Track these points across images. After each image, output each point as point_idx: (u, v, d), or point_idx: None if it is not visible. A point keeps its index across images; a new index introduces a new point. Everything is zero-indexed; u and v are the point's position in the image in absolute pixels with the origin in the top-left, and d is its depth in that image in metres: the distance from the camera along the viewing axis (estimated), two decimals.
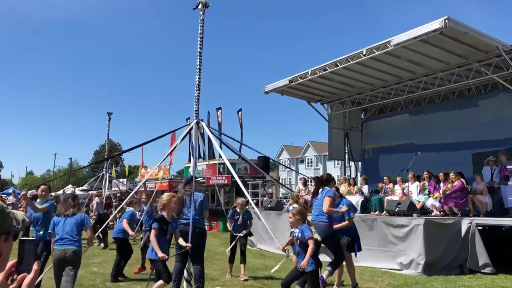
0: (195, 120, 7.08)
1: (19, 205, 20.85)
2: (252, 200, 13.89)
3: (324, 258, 7.13)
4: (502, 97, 12.71)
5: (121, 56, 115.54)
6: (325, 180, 7.26)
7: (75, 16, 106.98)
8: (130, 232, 8.70)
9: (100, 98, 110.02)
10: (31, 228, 6.88)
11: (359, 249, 7.36)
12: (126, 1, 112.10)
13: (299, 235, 5.48)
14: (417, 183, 11.86)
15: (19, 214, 1.51)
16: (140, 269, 8.83)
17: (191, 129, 7.14)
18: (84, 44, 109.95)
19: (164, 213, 5.81)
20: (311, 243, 5.36)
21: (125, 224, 8.75)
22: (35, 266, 1.39)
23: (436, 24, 9.64)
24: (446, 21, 9.44)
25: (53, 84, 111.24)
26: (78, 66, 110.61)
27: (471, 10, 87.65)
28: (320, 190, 7.09)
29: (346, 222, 7.18)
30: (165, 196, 6.02)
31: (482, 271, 9.29)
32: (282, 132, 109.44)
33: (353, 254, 7.41)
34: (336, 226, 7.02)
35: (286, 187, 25.41)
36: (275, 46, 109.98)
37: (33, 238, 1.42)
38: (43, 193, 6.91)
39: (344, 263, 7.12)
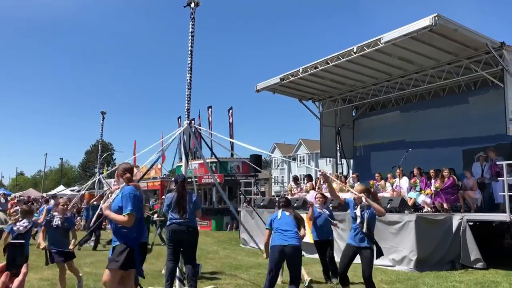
0: (187, 121, 7.07)
1: (10, 207, 20.62)
2: (245, 198, 13.89)
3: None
4: (491, 94, 12.78)
5: (111, 55, 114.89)
6: None
7: (64, 15, 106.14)
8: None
9: (90, 97, 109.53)
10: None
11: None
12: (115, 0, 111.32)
13: None
14: (406, 178, 11.92)
15: (1, 214, 1.58)
16: None
17: (184, 128, 7.13)
18: (73, 44, 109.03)
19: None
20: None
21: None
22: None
23: (426, 21, 9.66)
24: (436, 18, 9.47)
25: (42, 84, 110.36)
26: (68, 65, 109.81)
27: (461, 7, 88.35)
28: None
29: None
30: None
31: (473, 266, 9.38)
32: (274, 130, 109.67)
33: None
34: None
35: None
36: (266, 44, 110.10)
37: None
38: None
39: None
